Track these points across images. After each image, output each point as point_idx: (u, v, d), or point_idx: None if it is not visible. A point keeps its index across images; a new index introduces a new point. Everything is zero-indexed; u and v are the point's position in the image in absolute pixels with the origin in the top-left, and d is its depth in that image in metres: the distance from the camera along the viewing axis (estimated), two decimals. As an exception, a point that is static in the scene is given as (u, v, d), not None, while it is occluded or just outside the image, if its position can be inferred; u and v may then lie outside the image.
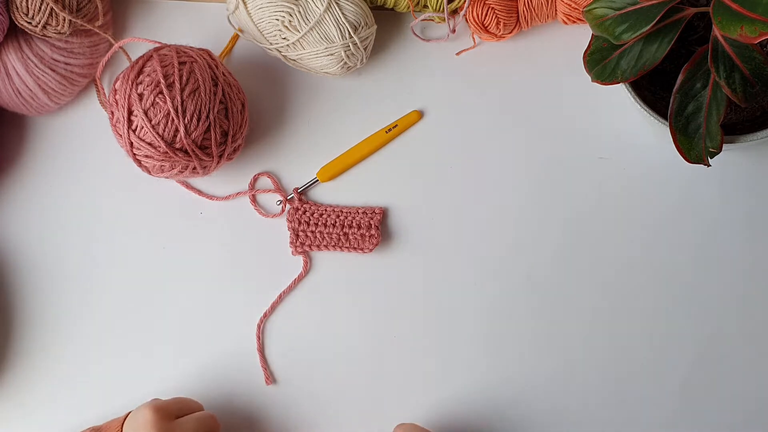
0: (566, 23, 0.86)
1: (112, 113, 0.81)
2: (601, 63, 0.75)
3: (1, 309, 0.87)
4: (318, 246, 0.86)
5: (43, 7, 0.81)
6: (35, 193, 0.89)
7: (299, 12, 0.83)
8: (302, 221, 0.86)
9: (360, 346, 0.85)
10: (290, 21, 0.83)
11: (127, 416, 0.76)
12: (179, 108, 0.78)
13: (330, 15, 0.83)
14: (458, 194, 0.87)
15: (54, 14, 0.82)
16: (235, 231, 0.88)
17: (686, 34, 0.79)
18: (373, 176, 0.88)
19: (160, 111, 0.78)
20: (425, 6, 0.88)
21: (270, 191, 0.88)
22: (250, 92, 0.89)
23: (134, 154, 0.81)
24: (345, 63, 0.85)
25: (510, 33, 0.87)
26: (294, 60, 0.86)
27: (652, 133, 0.85)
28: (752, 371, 0.82)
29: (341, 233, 0.86)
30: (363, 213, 0.86)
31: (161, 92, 0.78)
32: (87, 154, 0.90)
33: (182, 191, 0.88)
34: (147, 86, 0.79)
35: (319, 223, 0.86)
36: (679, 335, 0.83)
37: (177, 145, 0.79)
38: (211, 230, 0.88)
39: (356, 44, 0.84)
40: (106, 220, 0.88)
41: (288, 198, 0.87)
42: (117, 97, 0.80)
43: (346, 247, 0.86)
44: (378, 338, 0.85)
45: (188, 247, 0.88)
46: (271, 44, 0.85)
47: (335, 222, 0.86)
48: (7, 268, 0.88)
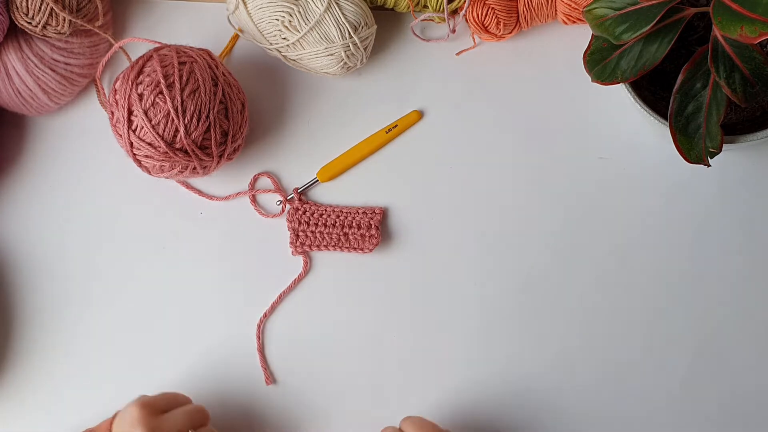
0: (566, 23, 0.86)
1: (112, 113, 0.81)
2: (601, 63, 0.75)
3: (1, 309, 0.87)
4: (318, 246, 0.86)
5: (43, 7, 0.81)
6: (35, 193, 0.89)
7: (299, 12, 0.83)
8: (302, 221, 0.86)
9: (360, 346, 0.85)
10: (290, 21, 0.83)
11: (116, 416, 0.76)
12: (179, 108, 0.78)
13: (330, 15, 0.83)
14: (458, 194, 0.87)
15: (54, 14, 0.82)
16: (235, 231, 0.88)
17: (686, 34, 0.79)
18: (373, 176, 0.88)
19: (160, 111, 0.78)
20: (425, 6, 0.88)
21: (270, 191, 0.88)
22: (250, 92, 0.89)
23: (134, 154, 0.81)
24: (345, 63, 0.85)
25: (510, 33, 0.87)
26: (294, 60, 0.86)
27: (652, 133, 0.85)
28: (752, 371, 0.82)
29: (341, 233, 0.86)
30: (363, 213, 0.86)
31: (161, 92, 0.78)
32: (87, 154, 0.90)
33: (182, 191, 0.88)
34: (147, 86, 0.79)
35: (319, 223, 0.86)
36: (679, 335, 0.83)
37: (177, 145, 0.79)
38: (211, 230, 0.88)
39: (356, 44, 0.84)
40: (106, 220, 0.88)
41: (288, 198, 0.87)
42: (117, 97, 0.80)
43: (346, 247, 0.86)
44: (378, 338, 0.85)
45: (188, 247, 0.88)
46: (271, 44, 0.85)
47: (335, 222, 0.86)
48: (7, 268, 0.88)
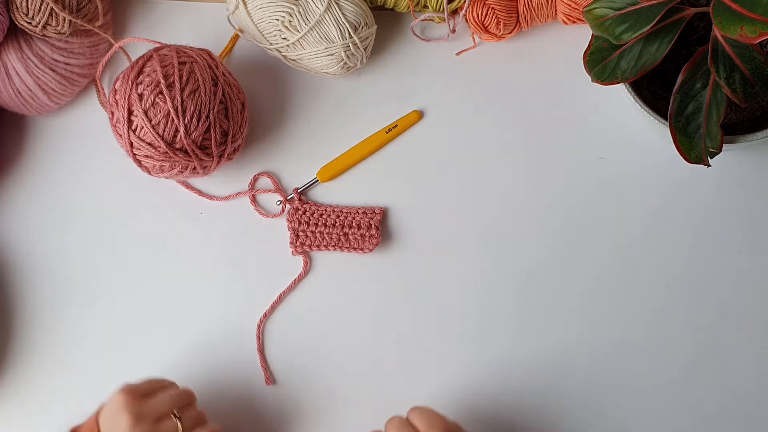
0: (566, 23, 0.86)
1: (112, 113, 0.81)
2: (601, 63, 0.75)
3: (1, 309, 0.87)
4: (318, 246, 0.86)
5: (43, 7, 0.81)
6: (35, 193, 0.89)
7: (299, 12, 0.83)
8: (302, 221, 0.86)
9: (360, 346, 0.85)
10: (290, 21, 0.83)
11: (101, 407, 0.75)
12: (179, 108, 0.78)
13: (330, 15, 0.83)
14: (458, 194, 0.87)
15: (54, 14, 0.82)
16: (235, 231, 0.88)
17: (686, 34, 0.79)
18: (373, 176, 0.88)
19: (160, 111, 0.78)
20: (425, 6, 0.88)
21: (270, 191, 0.88)
22: (250, 92, 0.89)
23: (134, 154, 0.81)
24: (345, 63, 0.85)
25: (510, 33, 0.87)
26: (294, 60, 0.86)
27: (652, 133, 0.85)
28: (752, 371, 0.82)
29: (341, 233, 0.86)
30: (363, 213, 0.86)
31: (161, 92, 0.78)
32: (87, 154, 0.90)
33: (182, 191, 0.88)
34: (147, 86, 0.79)
35: (319, 223, 0.86)
36: (679, 335, 0.83)
37: (177, 145, 0.79)
38: (211, 230, 0.88)
39: (356, 44, 0.84)
40: (106, 221, 0.88)
41: (288, 198, 0.87)
42: (117, 97, 0.80)
43: (346, 247, 0.86)
44: (378, 338, 0.85)
45: (188, 247, 0.88)
46: (271, 44, 0.85)
47: (335, 222, 0.86)
48: (8, 268, 0.88)
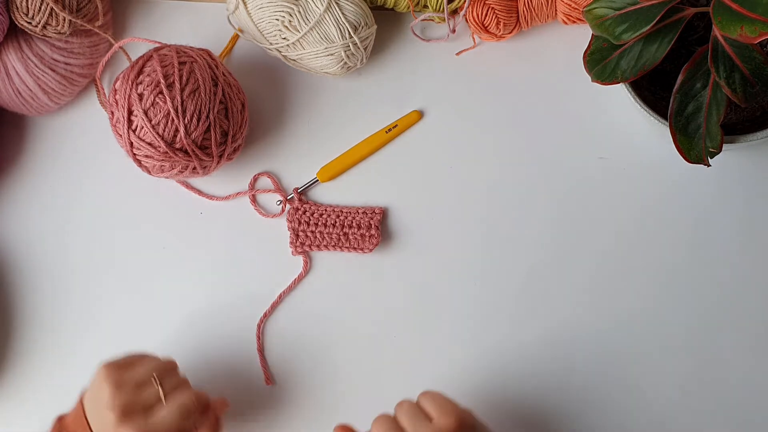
0: (566, 23, 0.86)
1: (112, 113, 0.81)
2: (601, 63, 0.75)
3: (1, 309, 0.87)
4: (318, 246, 0.86)
5: (43, 7, 0.81)
6: (35, 193, 0.89)
7: (299, 12, 0.83)
8: (302, 221, 0.86)
9: (360, 346, 0.85)
10: (290, 21, 0.83)
11: (85, 391, 0.74)
12: (179, 108, 0.78)
13: (330, 15, 0.83)
14: (458, 194, 0.87)
15: (54, 14, 0.82)
16: (235, 231, 0.88)
17: (686, 34, 0.79)
18: (373, 176, 0.88)
19: (160, 111, 0.78)
20: (425, 6, 0.88)
21: (270, 191, 0.88)
22: (250, 92, 0.88)
23: (134, 154, 0.81)
24: (345, 63, 0.85)
25: (510, 33, 0.87)
26: (294, 60, 0.86)
27: (652, 133, 0.85)
28: (751, 371, 0.82)
29: (341, 233, 0.86)
30: (363, 213, 0.86)
31: (161, 92, 0.78)
32: (87, 154, 0.90)
33: (182, 191, 0.88)
34: (147, 86, 0.79)
35: (319, 223, 0.86)
36: (679, 335, 0.83)
37: (177, 145, 0.79)
38: (211, 230, 0.88)
39: (356, 44, 0.84)
40: (106, 220, 0.88)
41: (288, 198, 0.87)
42: (117, 97, 0.80)
43: (346, 247, 0.86)
44: (378, 338, 0.85)
45: (188, 247, 0.88)
46: (271, 44, 0.85)
47: (335, 222, 0.86)
48: (8, 268, 0.88)
